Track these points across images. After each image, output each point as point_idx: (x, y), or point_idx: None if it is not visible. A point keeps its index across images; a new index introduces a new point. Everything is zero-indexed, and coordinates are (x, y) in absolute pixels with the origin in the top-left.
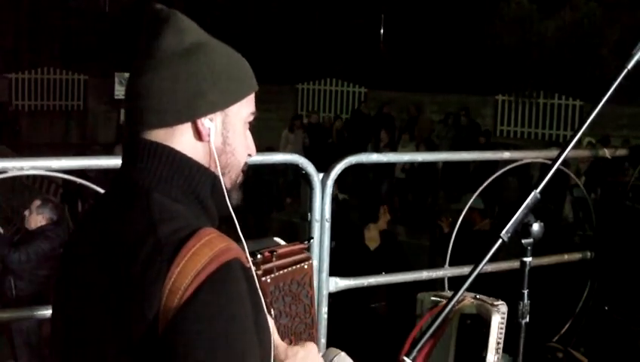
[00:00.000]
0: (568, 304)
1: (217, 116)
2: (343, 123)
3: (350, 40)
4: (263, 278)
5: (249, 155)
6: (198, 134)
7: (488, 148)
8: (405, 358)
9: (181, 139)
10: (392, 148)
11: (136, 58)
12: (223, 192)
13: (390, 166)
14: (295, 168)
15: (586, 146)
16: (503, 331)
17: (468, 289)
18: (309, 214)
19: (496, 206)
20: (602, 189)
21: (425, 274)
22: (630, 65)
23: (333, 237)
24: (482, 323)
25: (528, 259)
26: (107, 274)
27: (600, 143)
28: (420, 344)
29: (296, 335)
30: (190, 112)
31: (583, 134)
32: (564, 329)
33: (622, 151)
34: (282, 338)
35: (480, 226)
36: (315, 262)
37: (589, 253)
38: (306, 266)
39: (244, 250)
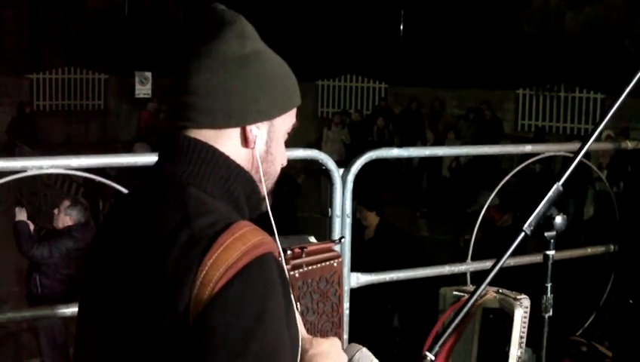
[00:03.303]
0: (592, 297)
1: (264, 125)
2: (384, 121)
3: (370, 36)
4: (292, 273)
5: (283, 165)
6: (245, 140)
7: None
8: (427, 353)
9: (228, 142)
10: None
11: (192, 54)
12: (263, 198)
13: (437, 165)
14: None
15: (605, 140)
16: (526, 325)
17: (490, 284)
18: (329, 210)
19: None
20: (625, 182)
21: (447, 269)
22: None
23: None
24: (505, 318)
25: (551, 253)
26: (140, 267)
27: (621, 136)
28: (442, 339)
29: (322, 333)
30: (241, 118)
31: (603, 128)
32: (587, 323)
33: None
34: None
35: (501, 223)
36: None
37: (612, 246)
38: (335, 264)
39: (277, 244)
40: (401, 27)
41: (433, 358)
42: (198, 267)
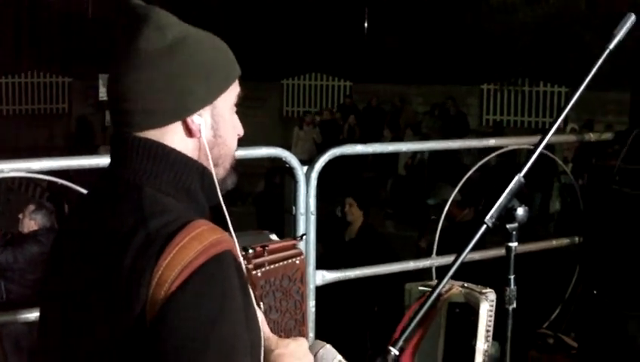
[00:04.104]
0: (558, 290)
1: (206, 110)
2: (355, 119)
3: (334, 34)
4: (254, 272)
5: (239, 135)
6: (189, 131)
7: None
8: (391, 348)
9: (173, 137)
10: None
11: (116, 58)
12: (214, 184)
13: (393, 163)
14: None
15: (569, 133)
16: (492, 318)
17: (456, 278)
18: (293, 208)
19: (483, 197)
20: (589, 174)
21: (412, 265)
22: (612, 46)
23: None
24: (471, 312)
25: (514, 245)
26: (98, 269)
27: (585, 129)
28: (405, 333)
29: (286, 331)
30: (179, 112)
31: (567, 120)
32: (554, 315)
33: (607, 135)
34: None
35: (461, 218)
36: None
37: (577, 239)
38: (297, 261)
39: (235, 242)
40: (366, 25)
41: (397, 353)
42: (154, 267)
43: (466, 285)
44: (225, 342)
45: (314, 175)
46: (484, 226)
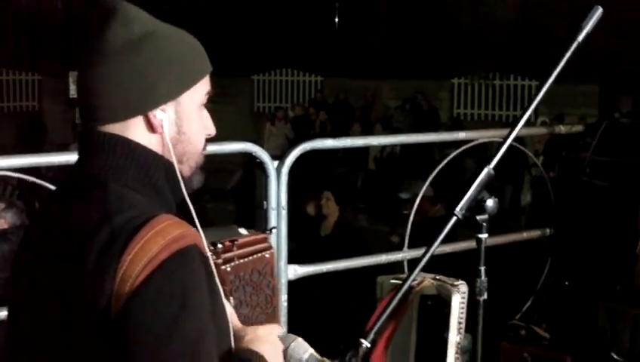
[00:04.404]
0: (530, 282)
1: (170, 106)
2: (327, 114)
3: (304, 28)
4: (223, 267)
5: (208, 135)
6: (151, 127)
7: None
8: (362, 340)
9: (135, 132)
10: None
11: (83, 52)
12: (177, 180)
13: (364, 158)
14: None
15: (539, 125)
16: (465, 310)
17: (428, 271)
18: (264, 203)
19: (452, 190)
20: (560, 166)
21: (384, 258)
22: (580, 38)
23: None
24: (443, 304)
25: (484, 236)
26: (64, 265)
27: (555, 122)
28: (377, 326)
29: (257, 325)
30: (141, 106)
31: (538, 114)
32: (525, 307)
33: (578, 128)
34: None
35: (433, 213)
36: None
37: (548, 230)
38: (267, 255)
39: (201, 237)
40: (336, 19)
41: (369, 345)
42: (118, 263)
43: (437, 277)
44: (189, 336)
45: (285, 170)
46: (454, 218)
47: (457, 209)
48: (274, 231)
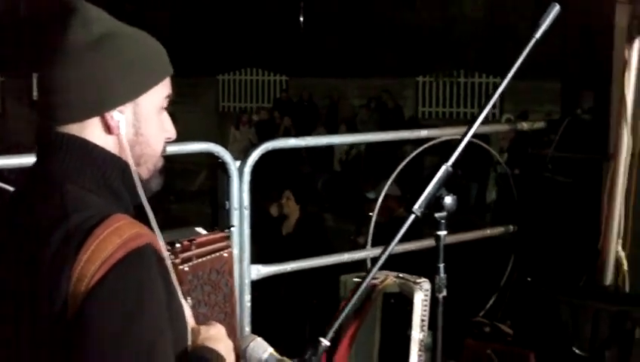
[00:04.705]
0: (495, 279)
1: (128, 108)
2: (291, 120)
3: (269, 28)
4: (181, 266)
5: (168, 139)
6: (108, 128)
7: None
8: (322, 339)
9: (92, 132)
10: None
11: (44, 52)
12: (134, 182)
13: (329, 159)
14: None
15: (504, 123)
16: (427, 308)
17: (392, 269)
18: (226, 203)
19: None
20: (523, 163)
21: (346, 257)
22: (538, 35)
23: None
24: (406, 302)
25: (443, 233)
26: (21, 266)
27: (519, 119)
28: (336, 324)
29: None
30: (97, 107)
31: (503, 111)
32: (489, 304)
33: (540, 124)
34: None
35: (399, 213)
36: (236, 251)
37: (511, 227)
38: (225, 254)
39: (158, 236)
40: (301, 18)
41: (328, 343)
42: (74, 262)
43: (400, 275)
44: (144, 335)
45: (247, 169)
46: (413, 216)
47: (416, 206)
48: (234, 230)
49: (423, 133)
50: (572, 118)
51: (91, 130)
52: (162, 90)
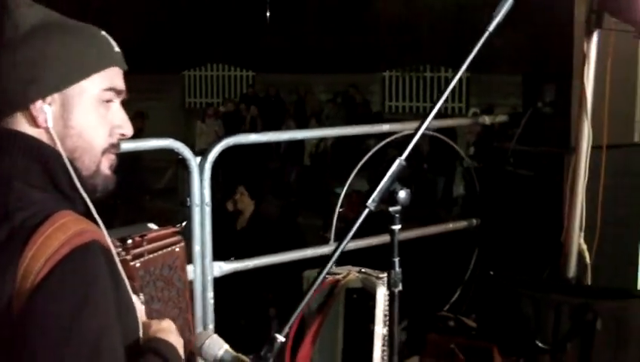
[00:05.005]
0: (461, 272)
1: (55, 99)
2: (257, 110)
3: (235, 23)
4: (132, 263)
5: (122, 135)
6: (34, 120)
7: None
8: (277, 335)
9: (23, 126)
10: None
11: None
12: (71, 176)
13: (299, 154)
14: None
15: (470, 116)
16: None
17: (354, 264)
18: (188, 199)
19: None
20: (486, 157)
21: (310, 252)
22: (491, 28)
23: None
24: (368, 297)
25: (397, 227)
26: None
27: (485, 113)
28: (291, 320)
29: (170, 319)
30: (23, 99)
31: (469, 105)
32: (454, 298)
33: (502, 118)
34: None
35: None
36: (198, 247)
37: (474, 221)
38: (177, 249)
39: (105, 233)
40: (268, 14)
41: (283, 340)
42: (19, 259)
43: (363, 270)
44: (90, 331)
45: (207, 166)
46: (367, 210)
47: (369, 201)
48: (196, 226)
49: (385, 127)
50: (534, 111)
51: (22, 124)
52: (101, 82)
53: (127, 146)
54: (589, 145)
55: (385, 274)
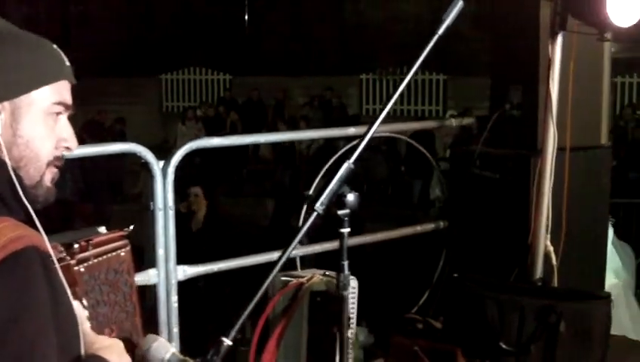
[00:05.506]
0: (430, 275)
1: (6, 108)
2: (237, 114)
3: (213, 27)
4: (76, 267)
5: (67, 149)
6: None
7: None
8: (224, 339)
9: None
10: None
11: None
12: (12, 184)
13: (292, 156)
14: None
15: (448, 119)
16: (355, 305)
17: (318, 267)
18: (151, 203)
19: (365, 184)
20: (452, 159)
21: (275, 256)
22: (441, 31)
23: None
24: (332, 299)
25: (346, 230)
26: None
27: (462, 116)
28: (238, 324)
29: (118, 323)
30: None
31: (446, 108)
32: (422, 300)
33: (469, 120)
34: (102, 328)
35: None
36: (161, 251)
37: (441, 223)
38: (123, 253)
39: (44, 239)
40: (246, 17)
41: (230, 343)
42: None
43: (327, 273)
44: (25, 337)
45: (170, 169)
46: (315, 213)
47: (317, 204)
48: (159, 230)
49: (351, 130)
50: (501, 113)
51: None
52: (51, 95)
53: (90, 150)
54: (555, 148)
55: (350, 277)
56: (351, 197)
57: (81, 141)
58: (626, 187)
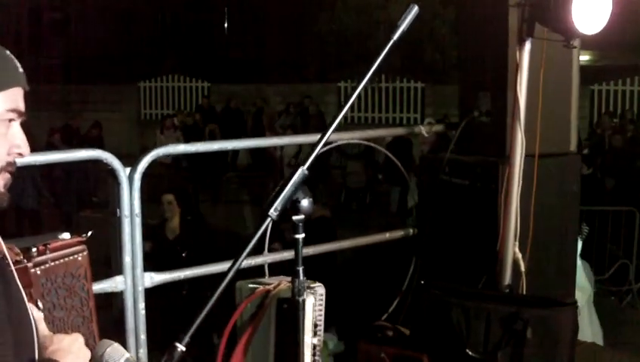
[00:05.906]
0: (401, 282)
1: None
2: (216, 124)
3: (191, 34)
4: (33, 270)
5: (19, 155)
6: None
7: None
8: (177, 344)
9: None
10: None
11: None
12: None
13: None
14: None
15: (426, 126)
16: (322, 312)
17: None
18: (117, 210)
19: (343, 191)
20: (421, 166)
21: (244, 263)
22: (396, 37)
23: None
24: (298, 306)
25: (300, 236)
26: None
27: (440, 123)
28: (191, 329)
29: (74, 328)
30: None
31: (424, 115)
32: (392, 307)
33: (438, 127)
34: (58, 332)
35: (315, 216)
36: (128, 258)
37: (411, 230)
38: (80, 258)
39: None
40: (226, 25)
41: (183, 349)
42: None
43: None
44: None
45: (137, 176)
46: (269, 219)
47: (271, 210)
48: (125, 237)
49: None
50: (470, 120)
51: None
52: (4, 102)
53: (58, 157)
54: (523, 154)
55: (317, 284)
56: (305, 202)
57: (53, 147)
58: (602, 195)
